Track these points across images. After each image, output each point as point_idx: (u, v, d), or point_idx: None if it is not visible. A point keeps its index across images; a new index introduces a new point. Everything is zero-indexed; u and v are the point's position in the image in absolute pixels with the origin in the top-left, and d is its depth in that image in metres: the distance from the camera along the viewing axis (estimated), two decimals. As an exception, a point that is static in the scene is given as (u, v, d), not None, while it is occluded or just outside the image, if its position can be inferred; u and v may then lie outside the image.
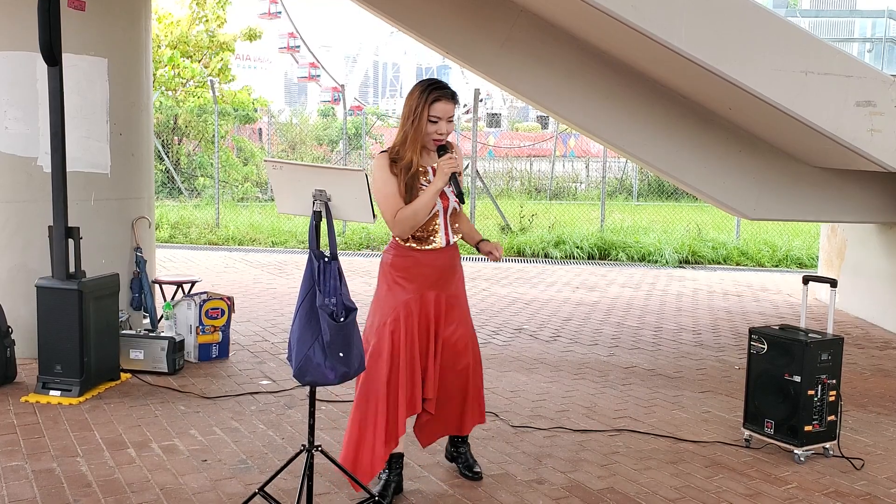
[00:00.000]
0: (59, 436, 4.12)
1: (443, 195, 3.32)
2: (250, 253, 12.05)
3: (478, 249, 3.53)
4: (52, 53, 4.64)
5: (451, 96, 3.27)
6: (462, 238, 3.55)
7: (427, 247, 3.36)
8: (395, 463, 3.48)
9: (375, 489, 3.40)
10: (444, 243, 3.37)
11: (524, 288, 9.25)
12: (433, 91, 3.23)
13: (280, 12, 38.17)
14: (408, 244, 3.35)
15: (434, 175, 3.27)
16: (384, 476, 3.47)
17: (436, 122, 3.24)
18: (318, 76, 42.47)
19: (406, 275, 3.34)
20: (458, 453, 3.74)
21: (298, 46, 41.44)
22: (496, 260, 3.47)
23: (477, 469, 3.71)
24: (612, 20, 5.10)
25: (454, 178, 3.24)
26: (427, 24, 6.80)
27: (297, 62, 42.39)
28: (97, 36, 5.59)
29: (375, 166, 3.30)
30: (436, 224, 3.35)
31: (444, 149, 3.28)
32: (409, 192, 3.26)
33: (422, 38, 7.16)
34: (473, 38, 6.71)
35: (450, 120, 3.25)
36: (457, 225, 3.46)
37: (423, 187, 3.27)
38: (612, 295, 8.94)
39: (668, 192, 19.99)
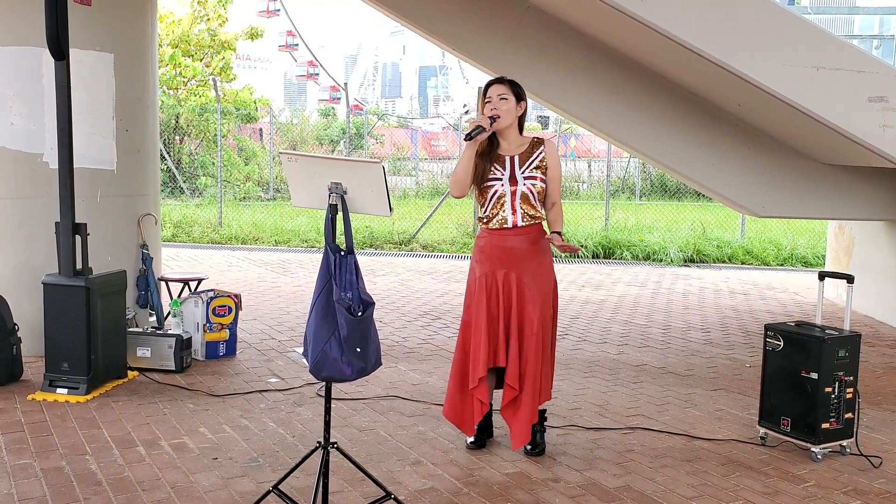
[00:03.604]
0: (67, 434, 4.07)
1: (512, 180, 3.77)
2: (254, 252, 12.00)
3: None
4: (59, 47, 4.59)
5: (497, 80, 3.87)
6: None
7: (493, 226, 3.80)
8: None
9: (469, 440, 4.00)
10: (510, 224, 3.78)
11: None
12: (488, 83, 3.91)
13: (279, 10, 38.06)
14: (483, 224, 3.86)
15: (508, 164, 3.81)
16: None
17: (489, 101, 3.83)
18: (317, 74, 42.41)
19: (481, 254, 3.86)
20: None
21: (297, 45, 41.32)
22: (566, 251, 3.75)
23: (538, 449, 3.93)
24: (620, 14, 5.05)
25: (478, 128, 3.69)
26: (433, 19, 6.76)
27: (296, 60, 42.31)
28: (103, 31, 5.54)
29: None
30: (501, 206, 3.78)
31: (492, 119, 3.78)
32: (482, 169, 3.80)
33: (428, 34, 7.12)
34: (480, 34, 6.67)
35: (502, 98, 3.79)
36: (535, 212, 3.82)
37: (496, 169, 3.79)
38: (619, 293, 8.90)
39: (670, 191, 19.95)
